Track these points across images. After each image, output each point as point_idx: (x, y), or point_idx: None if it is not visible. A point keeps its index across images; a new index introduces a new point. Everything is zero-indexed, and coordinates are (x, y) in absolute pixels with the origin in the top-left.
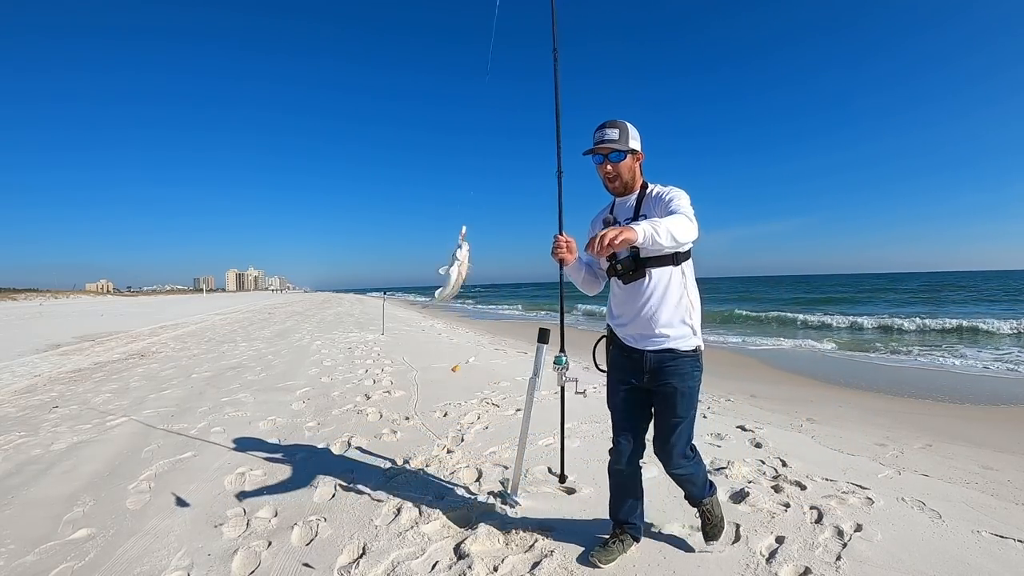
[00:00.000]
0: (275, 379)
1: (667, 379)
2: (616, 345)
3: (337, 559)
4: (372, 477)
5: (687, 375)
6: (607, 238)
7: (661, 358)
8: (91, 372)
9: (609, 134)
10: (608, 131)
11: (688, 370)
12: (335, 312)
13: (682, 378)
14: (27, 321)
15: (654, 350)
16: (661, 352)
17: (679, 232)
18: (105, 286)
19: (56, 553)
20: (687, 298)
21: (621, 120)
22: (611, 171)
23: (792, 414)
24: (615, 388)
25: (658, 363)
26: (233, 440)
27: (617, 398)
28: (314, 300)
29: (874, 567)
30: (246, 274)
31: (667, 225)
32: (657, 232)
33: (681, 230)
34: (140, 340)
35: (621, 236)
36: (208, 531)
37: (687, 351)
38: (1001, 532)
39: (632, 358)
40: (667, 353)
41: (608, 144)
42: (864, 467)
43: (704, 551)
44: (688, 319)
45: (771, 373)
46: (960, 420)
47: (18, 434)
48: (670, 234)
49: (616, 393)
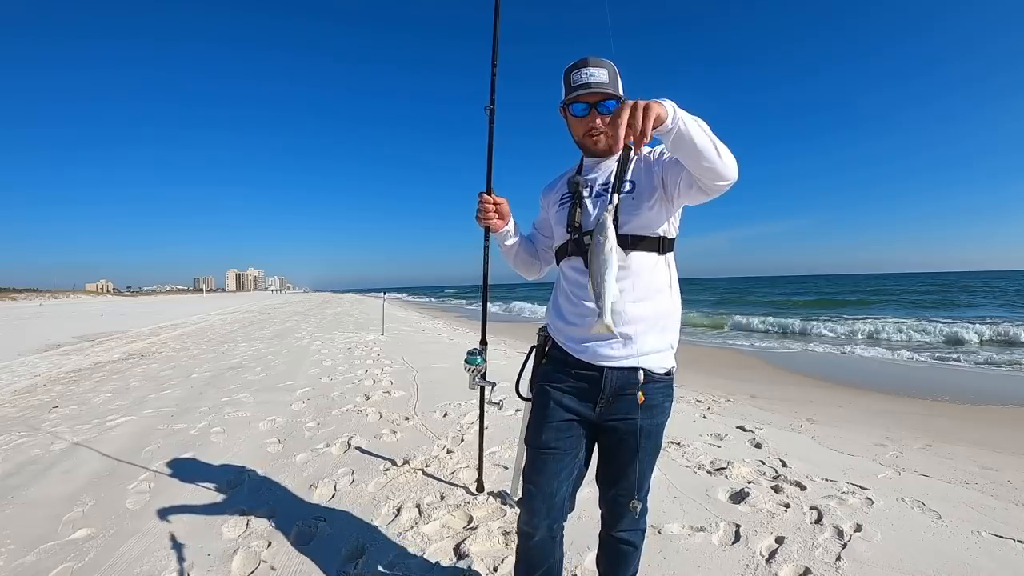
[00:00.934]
0: (275, 379)
1: (630, 411)
2: (555, 358)
3: (337, 559)
4: (372, 477)
5: (658, 408)
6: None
7: (626, 380)
8: (91, 372)
9: (596, 75)
10: (594, 71)
11: (660, 400)
12: (335, 312)
13: (651, 412)
14: (27, 321)
15: (619, 367)
16: (628, 371)
17: (727, 151)
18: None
19: (56, 553)
20: (670, 301)
21: (603, 58)
22: (601, 126)
23: (792, 414)
24: (546, 418)
25: (621, 387)
26: (233, 440)
27: (547, 433)
28: (314, 300)
29: (874, 567)
30: (246, 274)
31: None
32: (703, 127)
33: (728, 152)
34: (140, 340)
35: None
36: (208, 531)
37: (662, 374)
38: (1001, 532)
39: (582, 377)
40: (635, 374)
41: (599, 89)
42: (864, 467)
43: (704, 551)
44: (668, 329)
45: (771, 373)
46: (960, 420)
47: (18, 434)
48: (718, 143)
49: (546, 426)
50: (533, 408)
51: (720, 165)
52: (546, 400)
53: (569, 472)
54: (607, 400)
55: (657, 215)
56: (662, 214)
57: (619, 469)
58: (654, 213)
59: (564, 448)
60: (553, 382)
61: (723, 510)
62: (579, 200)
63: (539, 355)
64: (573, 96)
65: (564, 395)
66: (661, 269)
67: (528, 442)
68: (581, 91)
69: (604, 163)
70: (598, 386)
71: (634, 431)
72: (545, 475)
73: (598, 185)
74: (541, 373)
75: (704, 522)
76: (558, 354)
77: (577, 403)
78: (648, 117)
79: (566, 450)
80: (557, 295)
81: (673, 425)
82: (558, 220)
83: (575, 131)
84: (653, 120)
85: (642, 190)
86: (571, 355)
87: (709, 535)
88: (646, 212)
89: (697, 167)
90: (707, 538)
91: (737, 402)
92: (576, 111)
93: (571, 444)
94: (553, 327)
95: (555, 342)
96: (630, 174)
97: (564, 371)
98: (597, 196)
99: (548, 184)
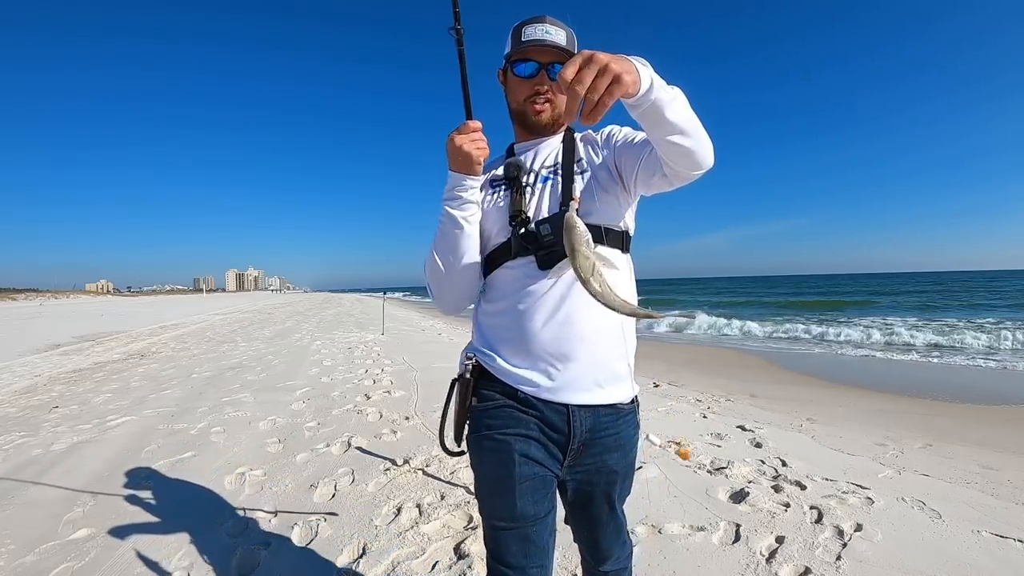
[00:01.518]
0: (275, 379)
1: (605, 456)
2: (493, 399)
3: (337, 559)
4: (372, 477)
5: (630, 443)
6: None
7: (597, 420)
8: (91, 372)
9: (551, 32)
10: (549, 27)
11: (630, 433)
12: (335, 312)
13: (625, 451)
14: (27, 321)
15: (589, 405)
16: (598, 408)
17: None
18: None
19: (56, 553)
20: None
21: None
22: (549, 91)
23: (792, 414)
24: (514, 477)
25: (593, 429)
26: (233, 440)
27: (522, 499)
28: (314, 300)
29: (874, 567)
30: (246, 274)
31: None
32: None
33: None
34: (140, 340)
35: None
36: (208, 531)
37: (628, 404)
38: (1001, 532)
39: (543, 422)
40: (607, 410)
41: (552, 45)
42: (864, 467)
43: (704, 551)
44: (630, 348)
45: (771, 373)
46: (960, 420)
47: (18, 434)
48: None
49: (518, 489)
50: (485, 467)
51: (698, 147)
52: (508, 453)
53: (546, 547)
54: (580, 449)
55: (617, 207)
56: (622, 206)
57: (596, 526)
58: (614, 204)
59: (544, 512)
60: (506, 428)
61: (723, 510)
62: (519, 187)
63: (466, 392)
64: (521, 51)
65: (529, 443)
66: (626, 270)
67: (494, 516)
68: (530, 46)
69: (545, 143)
70: (560, 430)
71: (612, 480)
72: (532, 556)
73: (543, 167)
74: (479, 417)
75: (704, 522)
76: (499, 389)
77: (544, 454)
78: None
79: (538, 518)
80: (490, 313)
81: (673, 425)
82: (493, 214)
83: (514, 96)
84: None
85: (597, 174)
86: (521, 392)
87: (709, 535)
88: (607, 200)
89: (671, 150)
90: (707, 538)
91: (737, 402)
92: (521, 71)
93: (540, 509)
94: (492, 356)
95: (491, 374)
96: (580, 155)
97: (515, 411)
98: (544, 180)
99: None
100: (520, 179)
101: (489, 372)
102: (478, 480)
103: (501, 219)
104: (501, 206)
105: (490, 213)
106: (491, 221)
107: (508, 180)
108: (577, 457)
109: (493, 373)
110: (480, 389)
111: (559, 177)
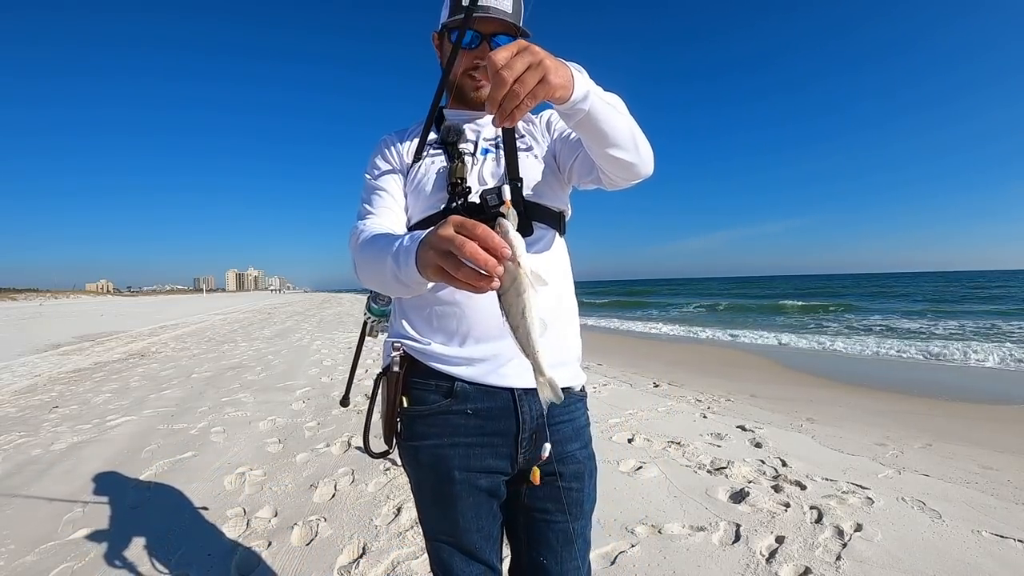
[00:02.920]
0: (275, 379)
1: (565, 445)
2: (426, 401)
3: (337, 559)
4: (372, 477)
5: (587, 434)
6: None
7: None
8: (91, 372)
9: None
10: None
11: (585, 423)
12: (335, 312)
13: (585, 441)
14: (27, 321)
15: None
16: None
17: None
18: (105, 286)
19: (56, 553)
20: (572, 295)
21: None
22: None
23: (792, 414)
24: (455, 494)
25: (542, 415)
26: (233, 440)
27: (465, 515)
28: (314, 300)
29: (874, 567)
30: (246, 274)
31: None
32: (620, 110)
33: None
34: (140, 340)
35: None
36: (208, 531)
37: (580, 389)
38: (1001, 532)
39: (483, 417)
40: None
41: (497, 13)
42: (864, 467)
43: (704, 551)
44: (575, 327)
45: (771, 373)
46: (960, 420)
47: (18, 434)
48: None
49: (446, 505)
50: (424, 481)
51: (637, 160)
52: (446, 468)
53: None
54: (530, 438)
55: (558, 189)
56: (559, 189)
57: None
58: (555, 185)
59: (488, 526)
60: (443, 436)
61: (723, 510)
62: (458, 153)
63: (395, 388)
64: (463, 19)
65: (470, 451)
66: (561, 250)
67: (437, 531)
68: (477, 12)
69: (482, 118)
70: (512, 421)
71: (580, 472)
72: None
73: (483, 140)
74: (412, 424)
75: (704, 522)
76: (433, 385)
77: (491, 458)
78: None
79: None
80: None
81: (673, 425)
82: (429, 181)
83: (450, 67)
84: (546, 87)
85: (539, 153)
86: (459, 380)
87: (709, 535)
88: (549, 181)
89: (607, 159)
90: (707, 538)
91: (737, 401)
92: (453, 39)
93: (496, 517)
94: (419, 342)
95: (421, 363)
96: (521, 130)
97: (451, 416)
98: (484, 152)
99: (396, 132)
100: (458, 145)
101: (420, 364)
102: (416, 492)
103: (439, 187)
104: (440, 172)
105: (424, 180)
106: (425, 189)
107: (445, 145)
108: (529, 450)
109: (425, 363)
110: (412, 388)
111: (500, 152)
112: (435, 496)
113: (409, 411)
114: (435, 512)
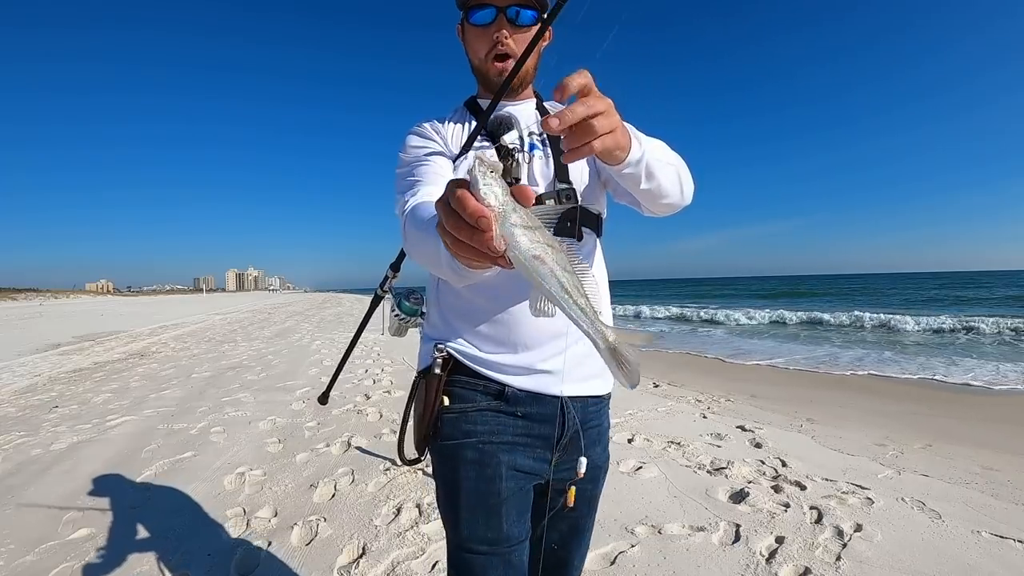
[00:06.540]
0: (275, 379)
1: (590, 452)
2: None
3: (337, 559)
4: (372, 477)
5: (606, 437)
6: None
7: (586, 411)
8: (91, 372)
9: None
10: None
11: (608, 425)
12: (335, 312)
13: (604, 445)
14: (27, 321)
15: (579, 396)
16: (587, 399)
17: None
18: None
19: (56, 553)
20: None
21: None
22: (507, 40)
23: (792, 414)
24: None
25: (582, 422)
26: (233, 440)
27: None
28: (314, 300)
29: (874, 567)
30: (246, 274)
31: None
32: (670, 161)
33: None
34: (140, 340)
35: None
36: (208, 531)
37: (605, 395)
38: (1001, 532)
39: (531, 417)
40: (594, 401)
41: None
42: (864, 467)
43: (704, 551)
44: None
45: (771, 373)
46: (960, 420)
47: (18, 434)
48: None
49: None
50: (464, 481)
51: (680, 202)
52: (494, 466)
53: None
54: (568, 443)
55: (597, 192)
56: (600, 193)
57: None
58: (595, 188)
59: (527, 533)
60: (491, 435)
61: (723, 510)
62: (507, 152)
63: (435, 390)
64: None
65: (515, 450)
66: (600, 258)
67: (473, 539)
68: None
69: (521, 106)
70: (554, 427)
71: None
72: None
73: (532, 135)
74: (456, 422)
75: (704, 522)
76: (481, 386)
77: (530, 459)
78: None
79: (528, 535)
80: (467, 296)
81: (673, 425)
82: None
83: (475, 51)
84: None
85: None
86: (508, 386)
87: (709, 535)
88: (591, 181)
89: (649, 199)
90: (707, 538)
91: (737, 402)
92: (477, 18)
93: (530, 524)
94: (465, 345)
95: (467, 366)
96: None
97: (500, 415)
98: (532, 148)
99: (438, 118)
100: (505, 139)
101: (465, 366)
102: (451, 496)
103: None
104: None
105: None
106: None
107: (492, 137)
108: (564, 453)
109: (472, 366)
110: (452, 387)
111: (548, 148)
112: (478, 497)
113: (452, 408)
114: (475, 516)
